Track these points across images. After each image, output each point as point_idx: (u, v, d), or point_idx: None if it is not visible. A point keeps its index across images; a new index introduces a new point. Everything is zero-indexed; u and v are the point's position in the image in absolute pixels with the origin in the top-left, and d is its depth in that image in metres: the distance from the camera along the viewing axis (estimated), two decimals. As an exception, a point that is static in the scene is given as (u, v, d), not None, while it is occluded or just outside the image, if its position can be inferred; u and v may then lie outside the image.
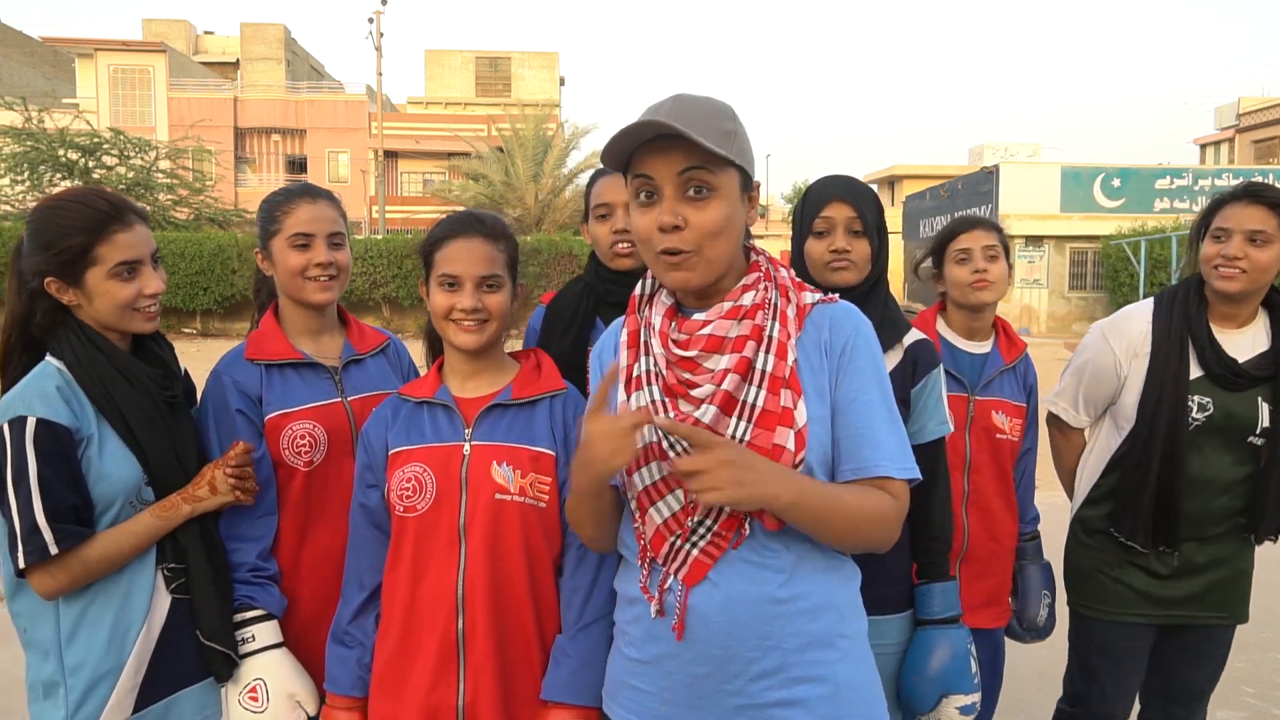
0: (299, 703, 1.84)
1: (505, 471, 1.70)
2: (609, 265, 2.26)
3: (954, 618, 1.93)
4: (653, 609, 1.45)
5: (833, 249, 1.97)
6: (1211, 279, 2.23)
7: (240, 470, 1.84)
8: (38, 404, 1.69)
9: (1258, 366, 2.22)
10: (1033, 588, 2.52)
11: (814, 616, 1.43)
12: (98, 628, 1.73)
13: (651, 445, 1.44)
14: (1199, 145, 42.75)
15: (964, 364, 2.46)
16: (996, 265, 2.43)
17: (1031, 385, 2.55)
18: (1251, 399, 2.22)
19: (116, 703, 1.73)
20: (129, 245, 1.77)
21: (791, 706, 1.41)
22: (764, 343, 1.42)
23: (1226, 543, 2.31)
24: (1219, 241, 2.21)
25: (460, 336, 1.73)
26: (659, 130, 1.36)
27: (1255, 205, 2.18)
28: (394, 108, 42.33)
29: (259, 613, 1.87)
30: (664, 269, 1.43)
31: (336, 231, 2.05)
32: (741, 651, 1.40)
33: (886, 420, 1.45)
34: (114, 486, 1.74)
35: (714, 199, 1.39)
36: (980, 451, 2.43)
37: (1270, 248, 2.15)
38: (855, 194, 1.99)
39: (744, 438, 1.39)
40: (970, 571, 2.42)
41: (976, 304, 2.44)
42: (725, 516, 1.40)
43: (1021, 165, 24.97)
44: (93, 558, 1.69)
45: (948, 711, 1.87)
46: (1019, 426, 2.48)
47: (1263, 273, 2.16)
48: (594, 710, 1.67)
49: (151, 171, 23.84)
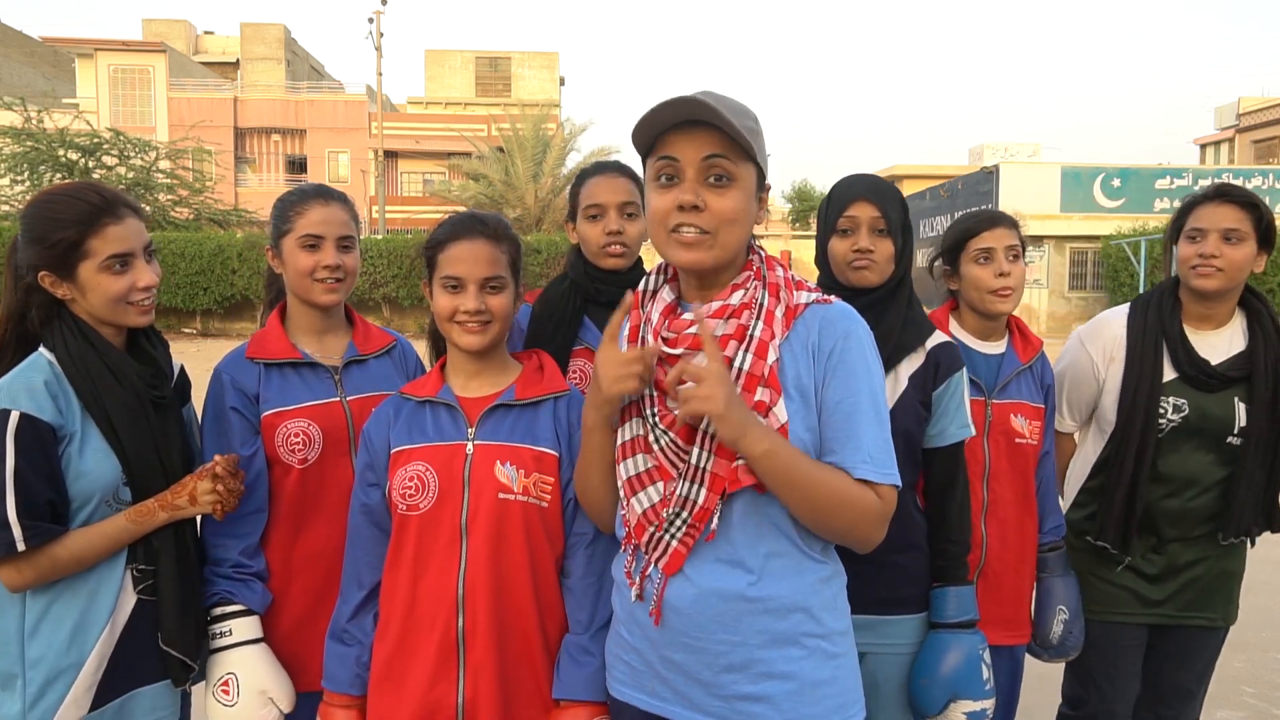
0: (271, 699, 1.85)
1: (509, 471, 1.71)
2: (599, 265, 2.26)
3: (968, 622, 1.91)
4: (633, 593, 1.54)
5: (856, 248, 1.97)
6: (1189, 279, 2.26)
7: (226, 483, 1.82)
8: (23, 398, 1.69)
9: (1233, 367, 2.24)
10: (1048, 603, 2.32)
11: (781, 616, 1.48)
12: (61, 623, 1.73)
13: (638, 439, 1.54)
14: (1199, 145, 42.77)
15: (979, 366, 2.29)
16: (1018, 267, 2.26)
17: (1049, 384, 2.38)
18: (1228, 399, 2.25)
19: (74, 699, 1.72)
20: (120, 238, 1.77)
21: (757, 701, 1.47)
22: (745, 342, 1.47)
23: (1209, 544, 2.32)
24: (1194, 242, 2.24)
25: (464, 338, 1.74)
26: (692, 112, 1.41)
27: (1228, 205, 2.22)
28: (394, 108, 42.34)
29: (238, 608, 1.88)
30: (676, 248, 1.47)
31: (346, 235, 2.07)
32: (710, 645, 1.48)
33: (872, 424, 1.47)
34: (92, 484, 1.74)
35: (733, 188, 1.45)
36: (1000, 458, 2.25)
37: (1244, 245, 2.20)
38: (880, 193, 1.99)
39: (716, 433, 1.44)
40: (988, 585, 2.24)
41: (995, 313, 2.26)
42: (698, 509, 1.46)
43: (1021, 165, 24.99)
44: (62, 556, 1.70)
45: (955, 716, 1.87)
46: (1038, 429, 2.32)
47: (1238, 270, 2.21)
48: (606, 706, 1.69)
49: (151, 172, 23.85)
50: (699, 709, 1.50)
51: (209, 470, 1.82)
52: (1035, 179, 23.25)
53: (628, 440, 1.55)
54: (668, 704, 1.53)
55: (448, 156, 35.58)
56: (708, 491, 1.45)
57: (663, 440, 1.49)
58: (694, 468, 1.46)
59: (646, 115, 1.43)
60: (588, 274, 2.26)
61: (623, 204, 2.24)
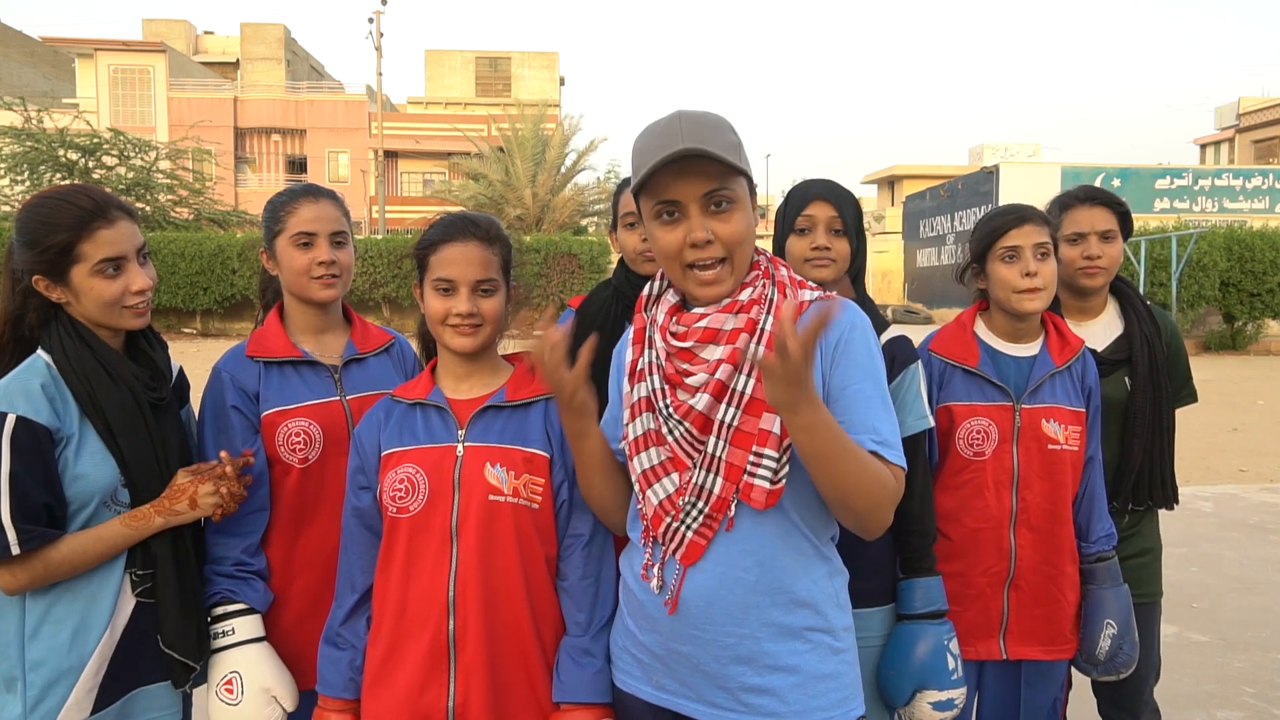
0: (275, 698, 1.85)
1: (499, 473, 1.70)
2: (637, 271, 2.31)
3: (935, 613, 1.94)
4: (654, 584, 1.56)
5: (814, 246, 2.03)
6: (1077, 279, 2.43)
7: (230, 486, 1.82)
8: (19, 401, 1.69)
9: (1116, 350, 2.41)
10: (1096, 616, 2.18)
11: (789, 610, 1.51)
12: (62, 626, 1.73)
13: (650, 433, 1.57)
14: (1199, 145, 42.78)
15: (1008, 369, 2.19)
16: (1047, 265, 2.15)
17: (1091, 386, 2.24)
18: (1119, 380, 2.39)
19: (75, 702, 1.72)
20: (112, 242, 1.77)
21: (763, 694, 1.50)
22: (756, 335, 1.50)
23: (1123, 521, 2.38)
24: (1075, 244, 2.43)
25: (455, 340, 1.73)
26: (685, 154, 1.44)
27: (1098, 207, 2.44)
28: (394, 108, 42.37)
29: (240, 607, 1.88)
30: (695, 285, 1.52)
31: (339, 231, 2.07)
32: (718, 637, 1.51)
33: (879, 408, 1.51)
34: (90, 486, 1.73)
35: (735, 210, 1.50)
36: (1030, 464, 2.14)
37: (1116, 243, 2.44)
38: (836, 195, 2.05)
39: (732, 423, 1.48)
40: (1021, 599, 2.15)
41: (1023, 313, 2.17)
42: (715, 498, 1.49)
43: (1021, 165, 25.02)
44: (55, 560, 1.69)
45: (921, 706, 1.89)
46: (1077, 434, 2.18)
47: (1115, 265, 2.43)
48: (610, 708, 1.69)
49: (151, 172, 23.86)
50: (705, 700, 1.53)
51: (214, 472, 1.81)
52: (1035, 179, 23.26)
53: (640, 435, 1.58)
54: (674, 696, 1.56)
55: (448, 156, 35.60)
56: (724, 481, 1.48)
57: (677, 431, 1.52)
58: (710, 457, 1.50)
59: (639, 167, 1.47)
60: (629, 280, 2.31)
61: None
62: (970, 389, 2.17)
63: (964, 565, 2.13)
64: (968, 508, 2.14)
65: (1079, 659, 2.22)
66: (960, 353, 2.20)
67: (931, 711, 1.89)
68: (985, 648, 2.16)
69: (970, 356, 2.19)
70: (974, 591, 2.14)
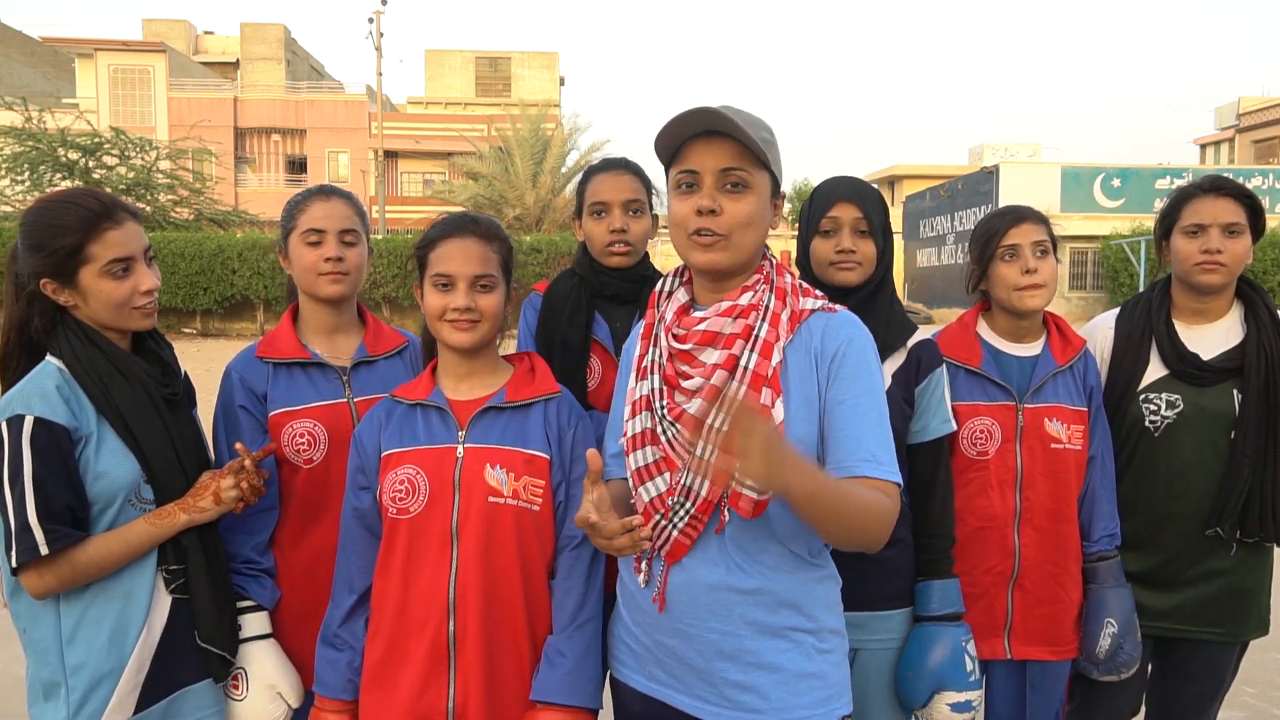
0: (280, 694, 1.85)
1: (499, 474, 1.70)
2: (602, 261, 2.25)
3: (952, 614, 1.94)
4: (641, 579, 1.59)
5: (839, 249, 1.99)
6: (1192, 275, 2.23)
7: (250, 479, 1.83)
8: (36, 403, 1.69)
9: (1227, 359, 2.21)
10: (1096, 615, 2.18)
11: (771, 610, 1.53)
12: (99, 628, 1.73)
13: (646, 431, 1.59)
14: (1199, 145, 42.77)
15: (1010, 369, 2.20)
16: (1047, 263, 2.18)
17: (1093, 385, 2.25)
18: (1225, 392, 2.20)
19: (118, 703, 1.72)
20: (120, 243, 1.77)
21: (746, 690, 1.53)
22: (751, 342, 1.53)
23: (1222, 552, 2.23)
24: (1194, 237, 2.22)
25: (453, 335, 1.73)
26: (710, 123, 1.50)
27: (1224, 198, 2.21)
28: (394, 108, 42.34)
29: (248, 603, 1.90)
30: (694, 249, 1.55)
31: (349, 229, 2.08)
32: (703, 633, 1.54)
33: (874, 424, 1.51)
34: (112, 484, 1.73)
35: (749, 194, 1.53)
36: (1034, 464, 2.15)
37: (1243, 238, 2.21)
38: (862, 195, 2.01)
39: (723, 429, 1.43)
40: (1025, 598, 2.16)
41: (1024, 310, 2.18)
42: (701, 500, 1.51)
43: (1021, 165, 25.02)
44: (82, 561, 1.69)
45: (939, 708, 1.89)
46: (1080, 433, 2.19)
47: (1239, 264, 2.21)
48: (588, 712, 1.68)
49: (152, 172, 23.83)
50: (692, 694, 1.56)
51: (234, 466, 1.82)
52: (1035, 179, 23.26)
53: (638, 433, 1.60)
54: (664, 688, 1.60)
55: (448, 156, 35.55)
56: (712, 485, 1.50)
57: (670, 433, 1.55)
58: (699, 461, 1.49)
59: (667, 126, 1.52)
60: (594, 270, 2.27)
61: (627, 201, 2.23)
62: (973, 389, 2.17)
63: (968, 565, 2.12)
64: (971, 507, 2.14)
65: (1079, 658, 2.22)
66: (963, 353, 2.20)
67: (950, 713, 1.88)
68: (990, 647, 2.16)
69: (973, 356, 2.19)
70: (978, 591, 2.14)
